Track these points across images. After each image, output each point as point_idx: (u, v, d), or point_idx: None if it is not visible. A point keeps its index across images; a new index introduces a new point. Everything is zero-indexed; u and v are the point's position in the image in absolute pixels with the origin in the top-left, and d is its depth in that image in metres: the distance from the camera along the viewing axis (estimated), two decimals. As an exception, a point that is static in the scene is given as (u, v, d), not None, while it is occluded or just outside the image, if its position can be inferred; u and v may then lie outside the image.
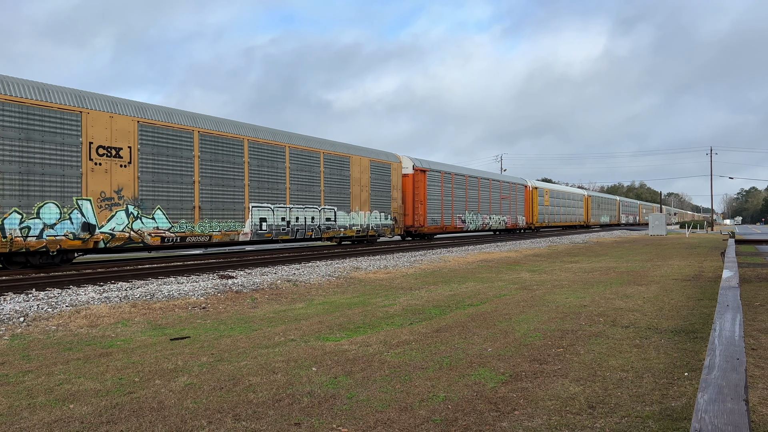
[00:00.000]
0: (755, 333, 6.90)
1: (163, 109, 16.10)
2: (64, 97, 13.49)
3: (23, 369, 5.53)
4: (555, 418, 4.11)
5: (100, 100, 14.31)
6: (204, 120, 17.15)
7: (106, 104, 14.37)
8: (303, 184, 20.66)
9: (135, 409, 4.37)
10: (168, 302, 9.43)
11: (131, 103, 15.15)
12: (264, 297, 10.32)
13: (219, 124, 17.58)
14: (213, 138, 17.05)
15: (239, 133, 18.07)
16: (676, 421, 4.03)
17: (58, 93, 13.42)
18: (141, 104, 15.48)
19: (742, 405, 2.21)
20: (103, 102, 14.36)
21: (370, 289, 11.54)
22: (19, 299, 9.44)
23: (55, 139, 13.14)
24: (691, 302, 9.49)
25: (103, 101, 14.35)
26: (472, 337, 6.85)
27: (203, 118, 17.20)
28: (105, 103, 14.36)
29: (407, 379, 5.12)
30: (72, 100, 13.62)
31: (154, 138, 15.34)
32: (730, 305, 4.53)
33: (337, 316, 8.44)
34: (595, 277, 13.68)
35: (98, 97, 14.36)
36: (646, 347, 6.24)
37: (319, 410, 4.32)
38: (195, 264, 15.55)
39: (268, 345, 6.52)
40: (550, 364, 5.55)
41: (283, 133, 20.30)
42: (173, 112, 16.22)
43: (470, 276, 13.97)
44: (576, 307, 8.95)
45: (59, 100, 13.35)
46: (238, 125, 18.38)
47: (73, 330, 7.40)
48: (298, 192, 20.32)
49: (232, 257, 18.22)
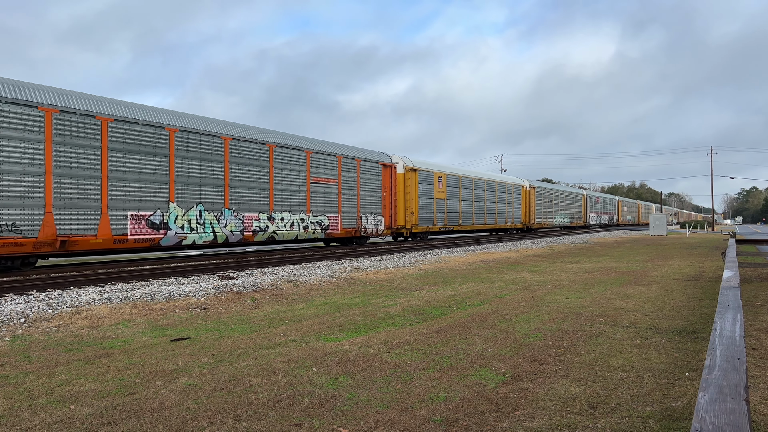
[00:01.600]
0: (756, 333, 6.90)
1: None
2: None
3: (24, 370, 5.53)
4: (556, 418, 4.11)
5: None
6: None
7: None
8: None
9: (136, 409, 4.37)
10: (169, 303, 9.43)
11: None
12: (264, 297, 10.33)
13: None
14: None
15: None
16: (677, 421, 4.03)
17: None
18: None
19: (743, 405, 2.21)
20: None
21: (370, 290, 11.54)
22: (20, 300, 9.44)
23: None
24: (691, 302, 9.49)
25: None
26: (472, 337, 6.85)
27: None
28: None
29: (408, 379, 5.12)
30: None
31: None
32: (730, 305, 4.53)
33: (337, 316, 8.44)
34: (595, 277, 13.67)
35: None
36: (646, 347, 6.24)
37: (320, 411, 4.32)
38: (195, 265, 15.55)
39: (268, 346, 6.52)
40: (550, 365, 5.55)
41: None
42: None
43: (471, 276, 13.97)
44: (577, 308, 8.95)
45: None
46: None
47: (73, 331, 7.40)
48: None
49: (233, 258, 18.22)
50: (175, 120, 16.46)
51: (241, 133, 18.80)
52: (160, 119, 16.06)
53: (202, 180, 17.22)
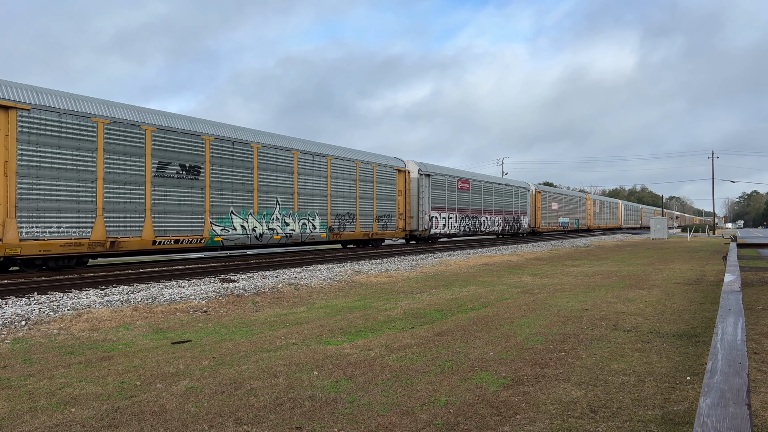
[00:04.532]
0: (757, 337, 6.88)
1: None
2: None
3: (25, 373, 5.53)
4: (557, 422, 4.10)
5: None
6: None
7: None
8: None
9: (136, 412, 4.37)
10: (169, 306, 9.43)
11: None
12: (265, 300, 10.32)
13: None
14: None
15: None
16: (679, 425, 4.02)
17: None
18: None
19: (745, 409, 2.21)
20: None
21: (371, 293, 11.53)
22: (21, 303, 9.45)
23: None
24: (693, 306, 9.47)
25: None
26: (473, 340, 6.84)
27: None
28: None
29: (409, 383, 5.12)
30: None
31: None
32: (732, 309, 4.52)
33: (338, 319, 8.43)
34: (596, 280, 13.66)
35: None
36: (648, 351, 6.23)
37: (321, 414, 4.31)
38: (196, 267, 15.56)
39: (269, 349, 6.51)
40: (551, 368, 5.54)
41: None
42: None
43: (472, 279, 13.96)
44: (578, 311, 8.94)
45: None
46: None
47: (74, 334, 7.41)
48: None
49: (233, 261, 18.23)
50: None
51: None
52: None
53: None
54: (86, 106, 14.27)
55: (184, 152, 16.55)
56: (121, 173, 14.86)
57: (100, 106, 14.63)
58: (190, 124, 17.02)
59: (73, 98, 14.06)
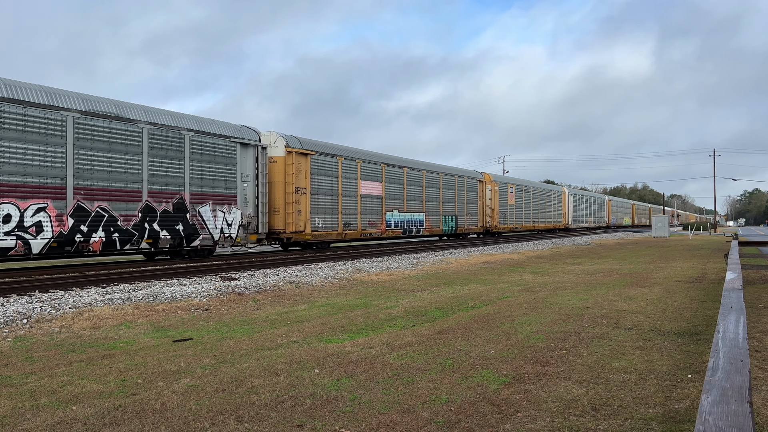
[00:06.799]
0: (759, 335, 6.88)
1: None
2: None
3: (26, 371, 5.54)
4: (558, 420, 4.10)
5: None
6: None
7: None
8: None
9: (138, 410, 4.37)
10: (171, 304, 9.44)
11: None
12: (266, 299, 10.33)
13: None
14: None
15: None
16: (680, 423, 4.02)
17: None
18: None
19: (746, 407, 2.21)
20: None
21: (372, 291, 11.53)
22: (23, 301, 9.46)
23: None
24: (694, 304, 9.46)
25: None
26: (474, 339, 6.84)
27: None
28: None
29: (410, 381, 5.12)
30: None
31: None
32: (733, 307, 4.52)
33: (339, 318, 8.44)
34: (597, 279, 13.65)
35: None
36: (649, 349, 6.23)
37: (322, 412, 4.32)
38: (197, 266, 15.57)
39: (270, 347, 6.52)
40: (552, 366, 5.54)
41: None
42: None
43: (473, 278, 13.96)
44: (579, 309, 8.93)
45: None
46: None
47: (75, 332, 7.41)
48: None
49: (235, 259, 18.24)
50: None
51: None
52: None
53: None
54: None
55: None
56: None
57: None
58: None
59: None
